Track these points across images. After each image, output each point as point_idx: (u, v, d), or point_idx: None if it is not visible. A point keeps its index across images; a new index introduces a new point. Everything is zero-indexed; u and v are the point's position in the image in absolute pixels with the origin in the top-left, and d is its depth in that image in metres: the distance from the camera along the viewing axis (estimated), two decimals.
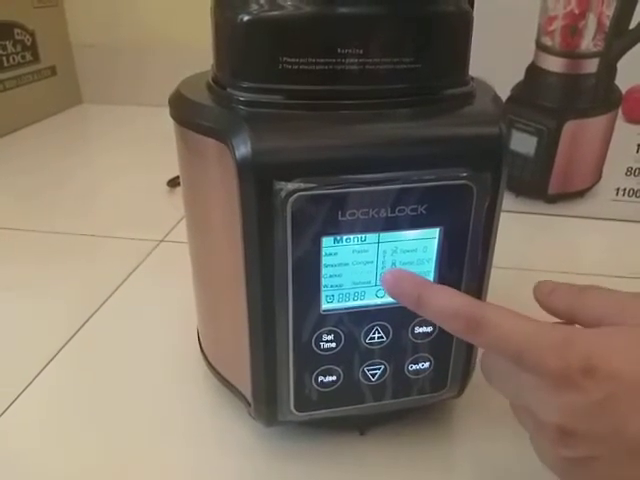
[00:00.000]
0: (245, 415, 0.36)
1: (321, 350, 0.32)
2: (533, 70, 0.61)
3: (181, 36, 1.04)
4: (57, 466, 0.35)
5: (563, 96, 0.62)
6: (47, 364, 0.44)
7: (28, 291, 0.53)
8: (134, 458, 0.36)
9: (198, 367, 0.41)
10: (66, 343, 0.46)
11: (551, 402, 0.25)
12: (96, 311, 0.50)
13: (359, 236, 0.29)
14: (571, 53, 0.60)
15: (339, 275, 0.30)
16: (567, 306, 0.29)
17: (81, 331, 0.47)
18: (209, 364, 0.39)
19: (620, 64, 0.60)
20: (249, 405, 0.35)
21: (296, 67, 0.28)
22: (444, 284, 0.31)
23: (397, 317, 0.31)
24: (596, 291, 0.29)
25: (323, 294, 0.30)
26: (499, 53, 0.60)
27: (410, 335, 0.32)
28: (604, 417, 0.23)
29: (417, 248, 0.30)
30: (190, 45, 0.92)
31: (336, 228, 0.28)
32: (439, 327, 0.32)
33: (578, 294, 0.30)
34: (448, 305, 0.27)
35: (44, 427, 0.38)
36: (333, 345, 0.32)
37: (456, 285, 0.31)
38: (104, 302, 0.51)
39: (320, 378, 0.32)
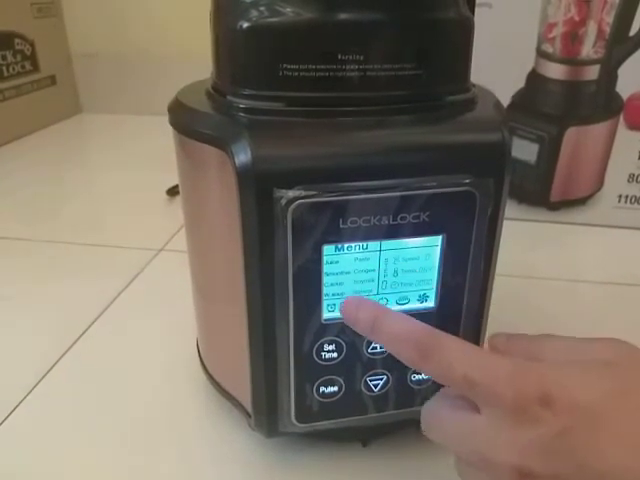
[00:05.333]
0: (245, 426, 0.36)
1: (322, 360, 0.31)
2: (534, 77, 0.61)
3: (180, 45, 1.04)
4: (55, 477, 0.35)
5: (564, 103, 0.62)
6: (45, 375, 0.43)
7: (26, 300, 0.53)
8: (133, 470, 0.35)
9: (197, 378, 0.41)
10: (65, 353, 0.45)
11: (506, 438, 0.23)
12: (95, 320, 0.50)
13: (361, 244, 0.29)
14: (572, 60, 0.60)
15: (340, 284, 0.30)
16: (523, 355, 0.28)
17: (80, 340, 0.47)
18: (209, 375, 0.39)
19: (621, 71, 0.60)
20: (249, 416, 0.34)
21: (296, 74, 0.27)
22: (447, 292, 0.31)
23: None
24: (550, 338, 0.29)
25: (324, 303, 0.30)
26: (500, 60, 0.59)
27: None
28: (565, 451, 0.22)
29: (419, 256, 0.30)
30: (189, 54, 0.92)
31: (337, 236, 0.28)
32: None
33: (533, 342, 0.29)
34: (400, 330, 0.27)
35: (39, 439, 0.38)
36: (334, 355, 0.31)
37: (459, 293, 0.31)
38: (103, 311, 0.51)
39: (321, 389, 0.32)
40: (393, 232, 0.28)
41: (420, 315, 0.31)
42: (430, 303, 0.31)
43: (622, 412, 0.22)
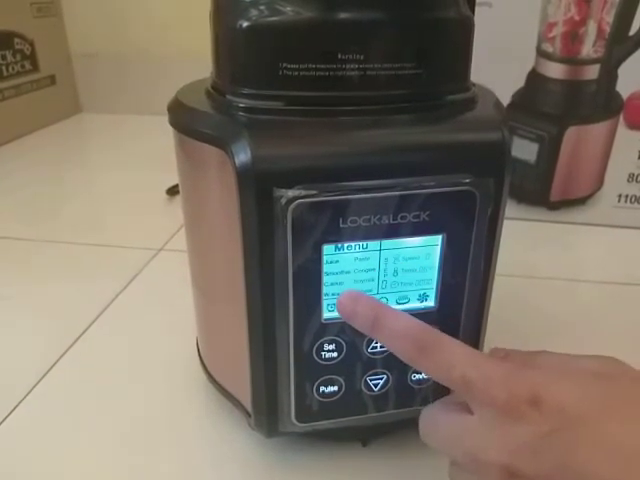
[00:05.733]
0: (245, 426, 0.36)
1: (322, 360, 0.31)
2: (534, 76, 0.61)
3: (180, 44, 1.04)
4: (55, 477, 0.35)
5: (564, 102, 0.62)
6: (45, 374, 0.43)
7: (26, 300, 0.53)
8: (133, 470, 0.35)
9: (197, 377, 0.41)
10: (64, 352, 0.45)
11: (496, 437, 0.24)
12: (95, 320, 0.49)
13: (360, 243, 0.29)
14: (572, 59, 0.60)
15: (340, 283, 0.30)
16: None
17: (79, 340, 0.47)
18: (208, 374, 0.39)
19: (621, 70, 0.60)
20: (249, 416, 0.34)
21: (296, 73, 0.27)
22: (447, 291, 0.31)
23: None
24: (548, 354, 0.29)
25: (324, 303, 0.30)
26: (500, 59, 0.59)
27: None
28: (550, 451, 0.22)
29: (419, 255, 0.30)
30: (189, 53, 0.92)
31: (337, 235, 0.28)
32: None
33: (530, 358, 0.29)
34: (400, 326, 0.27)
35: (39, 439, 0.38)
36: (334, 355, 0.31)
37: (459, 292, 0.31)
38: (103, 310, 0.51)
39: (321, 388, 0.32)
40: (393, 231, 0.28)
41: (420, 315, 0.31)
42: (430, 302, 0.31)
43: (612, 421, 0.22)
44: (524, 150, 0.64)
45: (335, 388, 0.32)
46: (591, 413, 0.23)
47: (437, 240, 0.29)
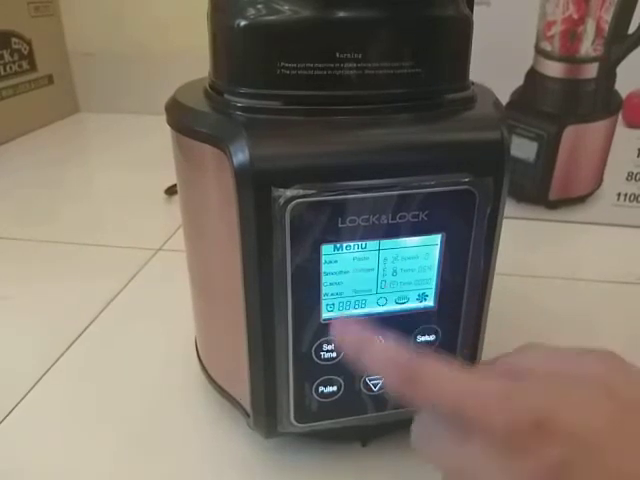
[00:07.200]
0: (244, 427, 0.36)
1: (321, 360, 0.31)
2: (533, 75, 0.61)
3: (178, 43, 1.04)
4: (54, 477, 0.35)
5: (563, 101, 0.62)
6: (44, 375, 0.43)
7: (25, 300, 0.53)
8: (132, 470, 0.35)
9: (196, 377, 0.41)
10: (64, 352, 0.45)
11: (497, 471, 0.21)
12: (94, 319, 0.49)
13: (359, 243, 0.29)
14: (570, 58, 0.60)
15: (339, 283, 0.29)
16: (512, 364, 0.26)
17: (78, 340, 0.47)
18: (207, 374, 0.39)
19: (619, 69, 0.60)
20: (248, 416, 0.34)
21: (294, 72, 0.27)
22: (446, 291, 0.31)
23: (399, 325, 0.31)
24: (535, 351, 0.26)
25: (323, 303, 0.30)
26: (499, 58, 0.59)
27: (413, 344, 0.32)
28: None
29: (419, 255, 0.30)
30: (187, 52, 0.92)
31: (336, 235, 0.28)
32: (442, 336, 0.31)
33: (520, 360, 0.26)
34: (385, 353, 0.25)
35: (38, 439, 0.37)
36: (333, 355, 0.31)
37: (458, 292, 0.31)
38: (102, 310, 0.51)
39: (320, 388, 0.32)
40: (392, 231, 0.28)
41: (419, 314, 0.31)
42: (429, 302, 0.31)
43: (627, 446, 0.20)
44: (523, 149, 0.64)
45: (334, 388, 0.32)
46: (607, 440, 0.20)
47: (436, 240, 0.29)
